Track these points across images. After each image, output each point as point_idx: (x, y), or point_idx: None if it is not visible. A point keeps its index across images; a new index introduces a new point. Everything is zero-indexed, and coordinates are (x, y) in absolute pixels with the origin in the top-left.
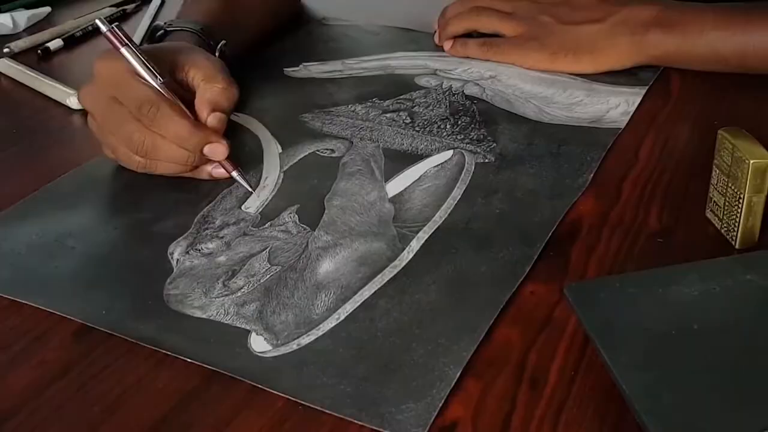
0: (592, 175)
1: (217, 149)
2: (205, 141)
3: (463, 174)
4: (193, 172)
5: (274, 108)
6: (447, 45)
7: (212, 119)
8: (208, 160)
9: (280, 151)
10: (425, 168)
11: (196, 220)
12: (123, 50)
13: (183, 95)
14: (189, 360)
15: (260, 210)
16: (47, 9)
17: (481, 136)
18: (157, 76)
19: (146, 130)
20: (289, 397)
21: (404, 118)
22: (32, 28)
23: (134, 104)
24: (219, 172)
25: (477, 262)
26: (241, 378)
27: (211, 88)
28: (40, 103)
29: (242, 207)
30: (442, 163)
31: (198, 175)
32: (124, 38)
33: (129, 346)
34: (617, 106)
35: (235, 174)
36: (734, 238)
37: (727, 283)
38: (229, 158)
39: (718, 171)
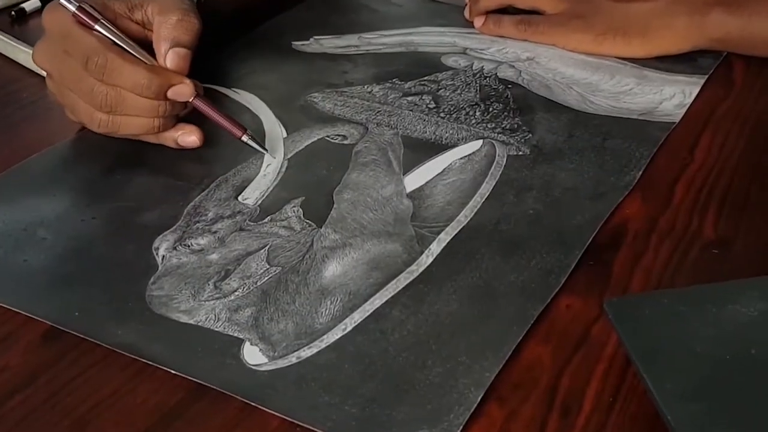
0: (640, 173)
1: (182, 90)
2: (167, 84)
3: (492, 168)
4: (158, 138)
5: (280, 86)
6: (478, 21)
7: (171, 57)
8: (182, 108)
9: (285, 135)
10: (450, 160)
11: (185, 212)
12: (97, 27)
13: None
14: (173, 371)
15: (259, 202)
16: None
17: (515, 126)
18: (135, 47)
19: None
20: (286, 417)
21: (428, 102)
22: None
23: (81, 57)
24: (188, 140)
25: (506, 269)
26: (231, 393)
27: (165, 21)
28: (11, 71)
29: (239, 198)
30: (469, 155)
31: (164, 141)
32: (94, 14)
33: (105, 353)
34: (672, 96)
35: (245, 138)
36: None
37: None
38: (234, 120)
39: None
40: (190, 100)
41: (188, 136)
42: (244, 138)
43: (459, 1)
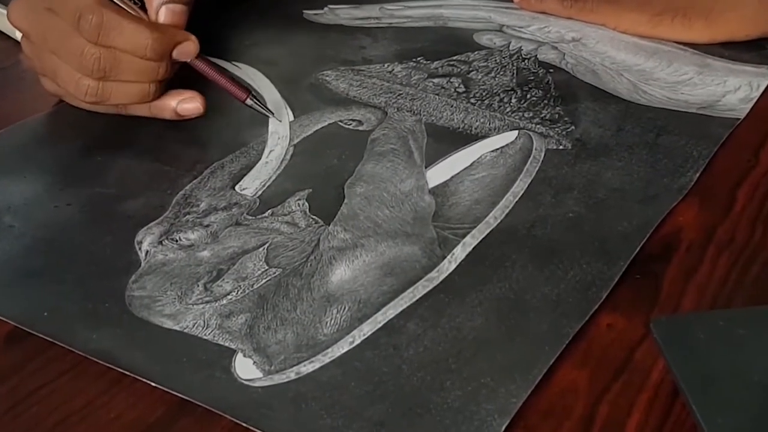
0: (697, 175)
1: (188, 48)
2: (172, 42)
3: (528, 163)
4: (152, 109)
5: (287, 61)
6: None
7: (164, 13)
8: (174, 71)
9: (291, 118)
10: (480, 152)
11: (174, 201)
12: None
13: None
14: (153, 383)
15: (260, 193)
16: None
17: (556, 116)
18: (128, 2)
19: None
20: None
21: (457, 85)
22: None
23: (71, 15)
24: (188, 107)
25: (539, 280)
26: (219, 411)
27: None
28: None
29: (236, 187)
30: (502, 148)
31: (160, 113)
32: None
33: (76, 360)
34: (737, 89)
35: (249, 102)
36: None
37: None
38: (237, 82)
39: None
40: (193, 59)
41: (189, 103)
42: (248, 101)
43: None
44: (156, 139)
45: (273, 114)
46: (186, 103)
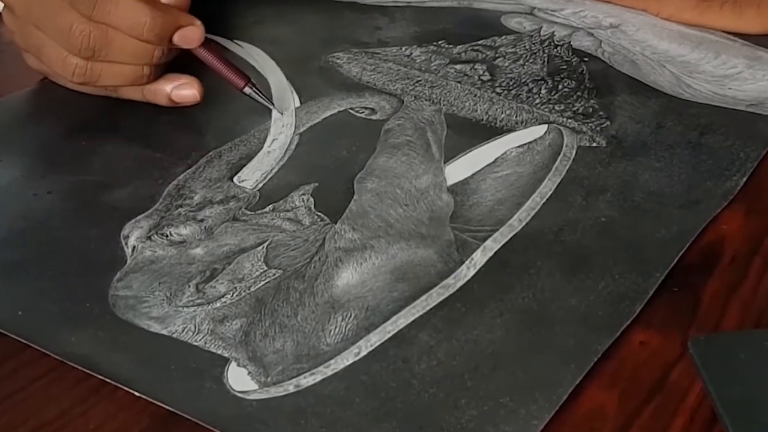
0: (744, 179)
1: (191, 34)
2: (174, 25)
3: (558, 161)
4: (145, 93)
5: (295, 41)
6: None
7: None
8: (175, 56)
9: (298, 104)
10: (504, 148)
11: (166, 192)
12: None
13: None
14: (136, 393)
15: (260, 186)
16: None
17: (590, 110)
18: None
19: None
20: None
21: (481, 72)
22: None
23: None
24: (183, 94)
25: (566, 290)
26: (209, 426)
27: None
28: None
29: (235, 179)
30: (529, 143)
31: (153, 98)
32: None
33: (52, 365)
34: None
35: (248, 90)
36: None
37: None
38: (238, 69)
39: None
40: (197, 44)
41: (185, 90)
42: (247, 90)
43: None
44: (148, 123)
45: (274, 105)
46: (182, 90)
